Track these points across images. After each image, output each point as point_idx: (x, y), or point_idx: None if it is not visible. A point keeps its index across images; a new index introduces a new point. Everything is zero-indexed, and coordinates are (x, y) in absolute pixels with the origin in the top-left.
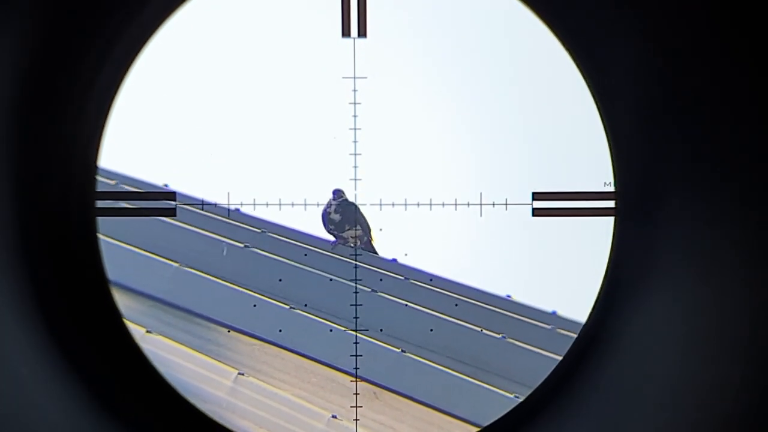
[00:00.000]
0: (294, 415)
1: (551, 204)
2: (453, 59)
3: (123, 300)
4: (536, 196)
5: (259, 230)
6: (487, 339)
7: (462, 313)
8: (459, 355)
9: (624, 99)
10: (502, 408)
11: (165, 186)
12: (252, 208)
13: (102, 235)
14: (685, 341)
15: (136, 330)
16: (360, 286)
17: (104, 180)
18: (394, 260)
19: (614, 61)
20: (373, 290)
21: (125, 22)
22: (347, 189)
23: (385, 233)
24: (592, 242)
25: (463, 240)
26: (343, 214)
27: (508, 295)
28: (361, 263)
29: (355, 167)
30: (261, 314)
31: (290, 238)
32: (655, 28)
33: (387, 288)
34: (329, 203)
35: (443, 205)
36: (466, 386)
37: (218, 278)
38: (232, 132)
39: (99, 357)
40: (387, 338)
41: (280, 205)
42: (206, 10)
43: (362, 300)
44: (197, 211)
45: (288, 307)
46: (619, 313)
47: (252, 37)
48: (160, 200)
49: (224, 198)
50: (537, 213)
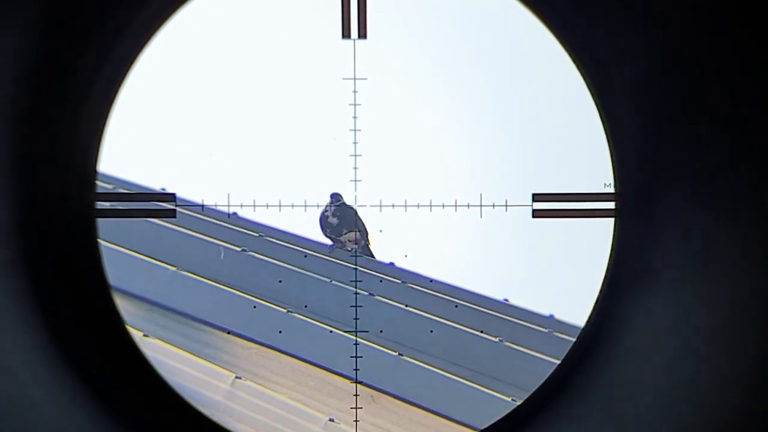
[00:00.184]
0: (291, 419)
1: (551, 205)
2: (453, 60)
3: (120, 304)
4: (536, 198)
5: (257, 234)
6: (485, 342)
7: (459, 317)
8: (456, 359)
9: (624, 99)
10: (500, 411)
11: (162, 189)
12: (252, 210)
13: (100, 240)
14: (685, 342)
15: (134, 334)
16: (358, 290)
17: (102, 184)
18: (391, 264)
19: (614, 62)
20: (371, 294)
21: (125, 23)
22: (347, 190)
23: (385, 234)
24: (590, 244)
25: (463, 241)
26: (341, 218)
27: (506, 299)
28: (359, 267)
29: (355, 168)
30: (258, 318)
31: (288, 242)
32: (656, 28)
33: (384, 292)
34: (327, 207)
35: (443, 207)
36: (464, 389)
37: (216, 282)
38: (232, 133)
39: (99, 357)
40: (384, 341)
41: (280, 207)
42: (206, 11)
43: (360, 303)
44: (195, 215)
45: (285, 311)
46: (619, 314)
47: (252, 38)
48: (160, 201)
49: (224, 199)
50: (537, 214)
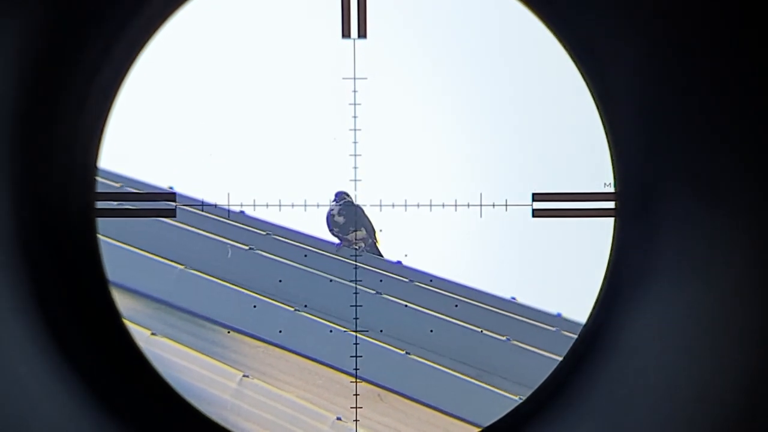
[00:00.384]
0: (298, 417)
1: (551, 205)
2: (453, 60)
3: (128, 302)
4: (536, 197)
5: (264, 232)
6: (492, 341)
7: (467, 315)
8: (464, 357)
9: (624, 100)
10: (507, 410)
11: (170, 188)
12: (252, 209)
13: (107, 238)
14: (686, 341)
15: (141, 332)
16: (364, 288)
17: (107, 182)
18: (399, 262)
19: (614, 62)
20: (378, 292)
21: (125, 22)
22: (347, 190)
23: (386, 234)
24: (594, 243)
25: (464, 241)
26: (347, 217)
27: (513, 297)
28: (364, 265)
29: (355, 168)
30: (265, 316)
31: (294, 241)
32: (656, 29)
33: (391, 290)
34: (333, 205)
35: (443, 206)
36: (471, 388)
37: (223, 280)
38: (232, 133)
39: (100, 357)
40: (392, 340)
41: (280, 206)
42: (206, 11)
43: (367, 302)
44: (202, 214)
45: (293, 309)
46: (620, 314)
47: (252, 38)
48: (160, 201)
49: (224, 199)
50: (537, 214)
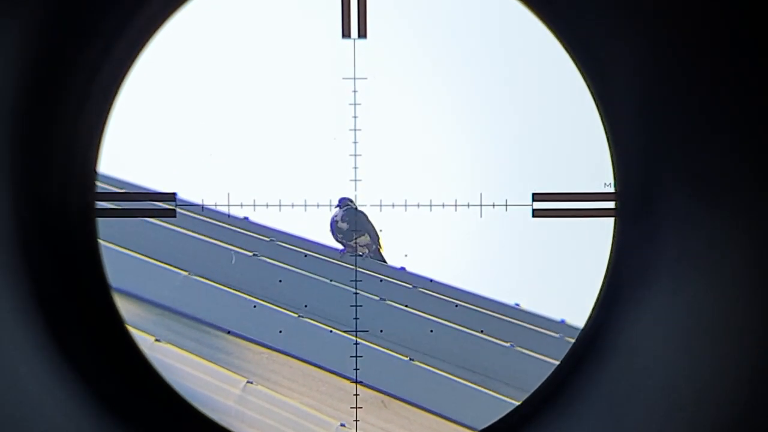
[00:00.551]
0: (303, 424)
1: (551, 205)
2: (453, 60)
3: (132, 309)
4: (536, 197)
5: (268, 239)
6: (496, 347)
7: (470, 321)
8: (467, 364)
9: (624, 100)
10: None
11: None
12: (252, 209)
13: (110, 243)
14: (686, 342)
15: (145, 339)
16: (368, 294)
17: (107, 186)
18: (402, 268)
19: (614, 62)
20: (381, 298)
21: (125, 22)
22: (347, 190)
23: (386, 234)
24: (595, 243)
25: (464, 241)
26: (351, 223)
27: (517, 304)
28: (367, 271)
29: (355, 168)
30: (270, 322)
31: (298, 247)
32: (656, 29)
33: (394, 296)
34: (336, 212)
35: (443, 206)
36: (475, 394)
37: (227, 287)
38: (232, 133)
39: (100, 357)
40: (395, 346)
41: (280, 206)
42: (206, 11)
43: (370, 307)
44: (206, 220)
45: (296, 315)
46: (620, 314)
47: (252, 38)
48: (160, 201)
49: (224, 199)
50: (537, 214)
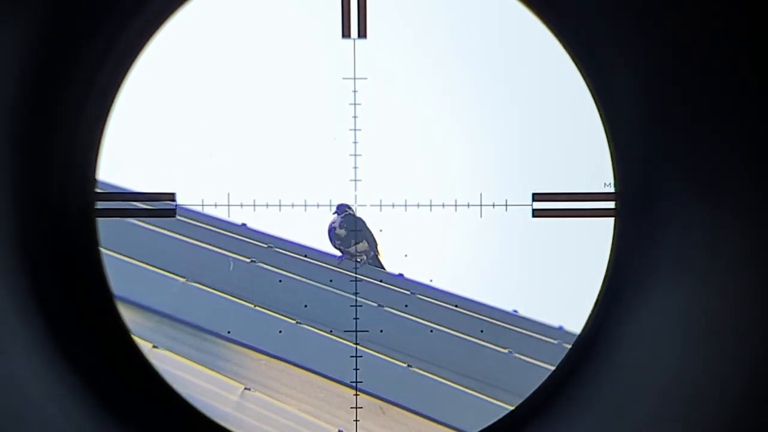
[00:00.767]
0: (300, 431)
1: (551, 205)
2: (453, 60)
3: (129, 315)
4: (536, 197)
5: (266, 245)
6: (494, 353)
7: (468, 328)
8: (465, 370)
9: (624, 99)
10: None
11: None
12: (252, 209)
13: (108, 250)
14: (686, 341)
15: (144, 345)
16: (365, 300)
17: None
18: (401, 275)
19: (614, 62)
20: (380, 305)
21: (125, 22)
22: (347, 190)
23: (386, 234)
24: (594, 246)
25: (463, 243)
26: (349, 229)
27: (515, 310)
28: (365, 277)
29: (355, 168)
30: (268, 328)
31: (296, 253)
32: (656, 29)
33: (392, 302)
34: (335, 218)
35: (443, 206)
36: (473, 401)
37: (225, 293)
38: (232, 133)
39: (100, 358)
40: (393, 353)
41: (280, 206)
42: (206, 11)
43: (368, 314)
44: (203, 226)
45: (295, 322)
46: (620, 314)
47: (252, 38)
48: (160, 201)
49: (224, 199)
50: (537, 214)
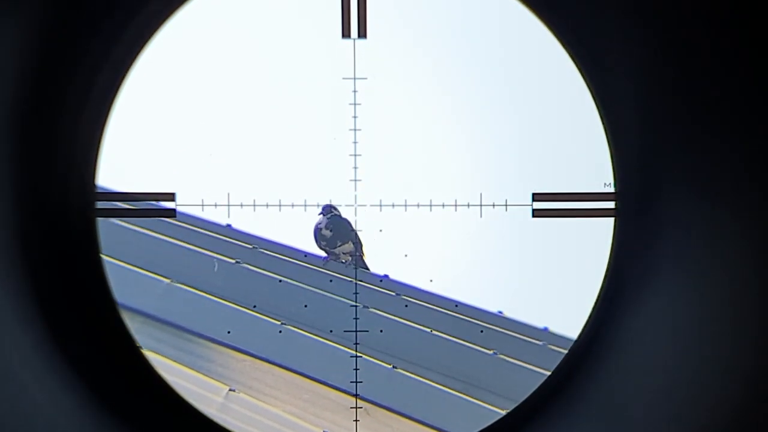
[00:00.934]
0: None
1: (551, 205)
2: (453, 60)
3: None
4: (536, 197)
5: (251, 246)
6: (479, 355)
7: (453, 329)
8: (450, 371)
9: (624, 100)
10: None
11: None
12: (252, 209)
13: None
14: (686, 341)
15: None
16: (350, 302)
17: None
18: (386, 276)
19: (615, 62)
20: (365, 306)
21: (125, 23)
22: (347, 190)
23: (386, 234)
24: (591, 247)
25: (462, 243)
26: (335, 230)
27: (500, 311)
28: (348, 278)
29: (355, 168)
30: (252, 330)
31: (281, 254)
32: (656, 29)
33: (378, 304)
34: (320, 219)
35: (443, 206)
36: (458, 402)
37: (209, 294)
38: (231, 133)
39: (101, 359)
40: (378, 354)
41: (280, 206)
42: (206, 11)
43: (353, 315)
44: (187, 227)
45: (279, 323)
46: (620, 314)
47: (252, 38)
48: (160, 201)
49: (224, 199)
50: (537, 214)
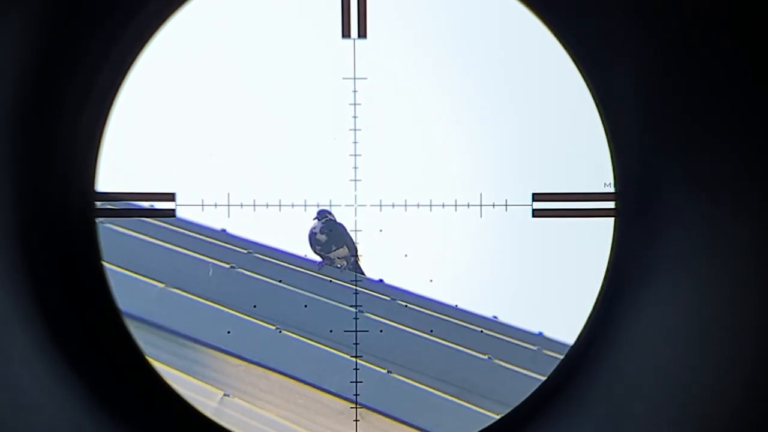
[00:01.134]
0: None
1: (551, 205)
2: (453, 60)
3: None
4: (536, 197)
5: (245, 251)
6: (473, 360)
7: (448, 334)
8: (445, 376)
9: (624, 100)
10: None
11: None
12: (252, 209)
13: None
14: (685, 341)
15: None
16: (345, 306)
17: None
18: (381, 281)
19: (615, 62)
20: (360, 310)
21: (125, 23)
22: (347, 190)
23: (386, 234)
24: (590, 247)
25: (462, 243)
26: (329, 235)
27: (495, 316)
28: (345, 283)
29: (355, 168)
30: (247, 335)
31: (276, 259)
32: (656, 30)
33: (373, 309)
34: (315, 224)
35: (443, 206)
36: (452, 407)
37: (204, 299)
38: (231, 133)
39: (101, 359)
40: (372, 359)
41: (280, 206)
42: (206, 11)
43: (348, 320)
44: (182, 232)
45: (274, 328)
46: (619, 314)
47: (252, 38)
48: (160, 201)
49: (224, 199)
50: (537, 214)
